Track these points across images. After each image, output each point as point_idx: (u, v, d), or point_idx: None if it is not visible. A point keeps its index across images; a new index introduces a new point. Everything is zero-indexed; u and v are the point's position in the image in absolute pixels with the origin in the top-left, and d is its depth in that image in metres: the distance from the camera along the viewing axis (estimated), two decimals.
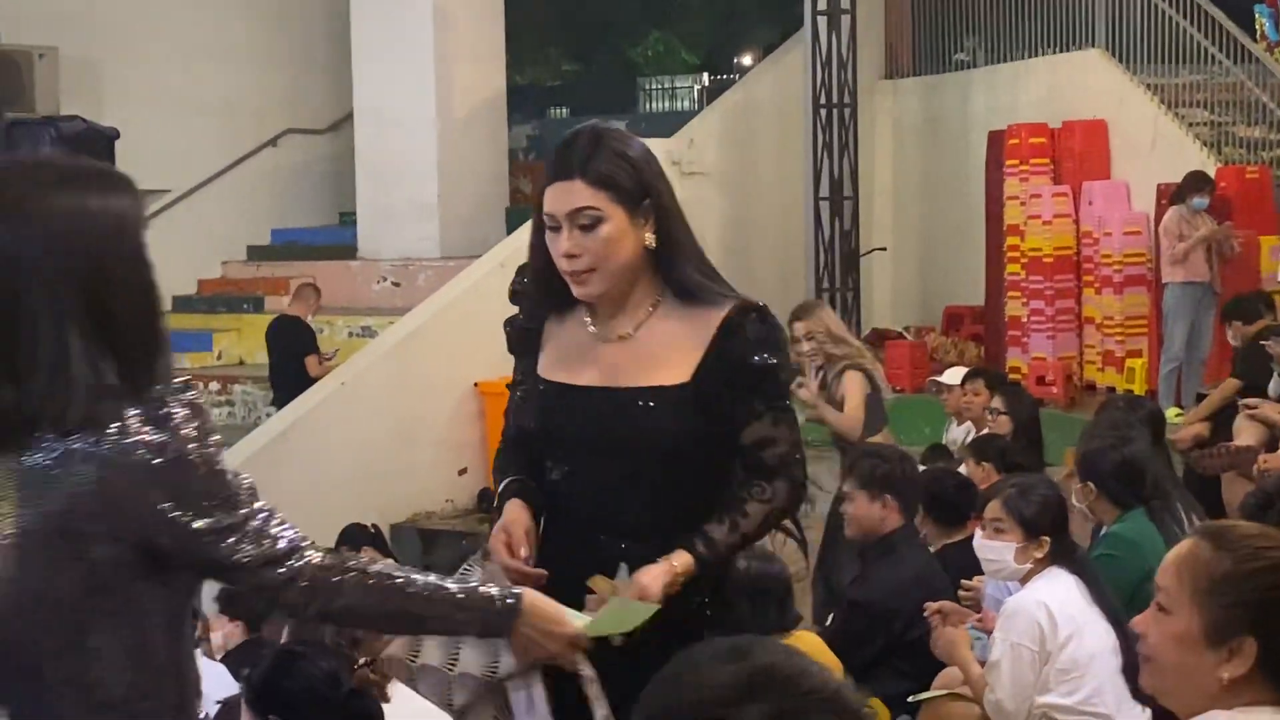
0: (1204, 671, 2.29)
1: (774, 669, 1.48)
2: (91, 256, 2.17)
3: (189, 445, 2.17)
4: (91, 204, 2.20)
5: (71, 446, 2.11)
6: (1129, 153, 11.49)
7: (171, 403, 2.18)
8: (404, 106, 13.56)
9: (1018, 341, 11.56)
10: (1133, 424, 5.78)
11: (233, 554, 2.21)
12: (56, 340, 2.12)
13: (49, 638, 2.14)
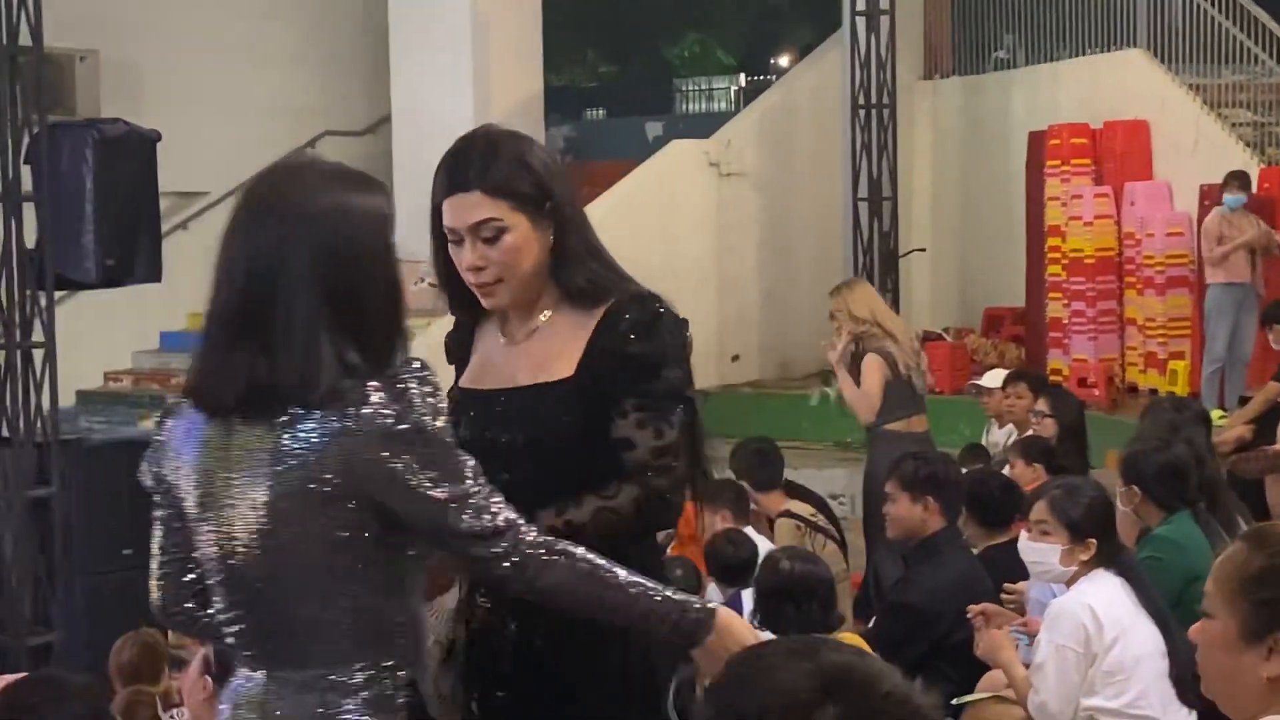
0: (1247, 672, 2.28)
1: (849, 669, 1.46)
2: (346, 251, 2.39)
3: (424, 417, 2.34)
4: (350, 202, 2.43)
5: (318, 418, 2.32)
6: (1171, 153, 11.43)
7: (408, 379, 2.36)
8: (441, 108, 13.57)
9: (1059, 343, 11.51)
10: (1181, 426, 5.74)
11: (458, 523, 2.37)
12: (308, 324, 2.34)
13: (300, 596, 2.37)
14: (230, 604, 2.43)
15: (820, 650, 1.48)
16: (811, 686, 1.44)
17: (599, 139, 17.39)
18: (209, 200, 14.39)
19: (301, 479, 2.31)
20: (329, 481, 2.31)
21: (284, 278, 2.35)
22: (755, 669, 1.49)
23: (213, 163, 13.94)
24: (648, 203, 12.55)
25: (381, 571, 2.38)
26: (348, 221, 2.40)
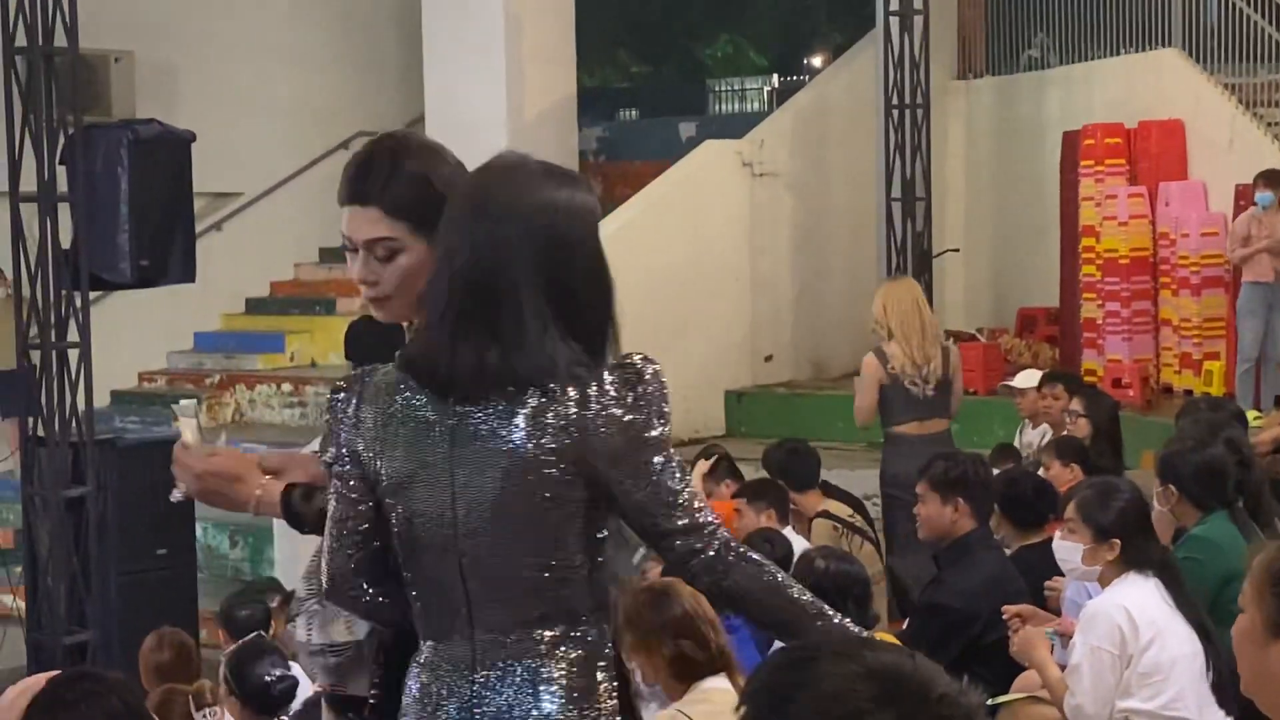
0: (1275, 665, 2.28)
1: (901, 673, 1.42)
2: (562, 245, 2.52)
3: (650, 409, 2.48)
4: (561, 198, 2.55)
5: (555, 403, 2.45)
6: (1206, 153, 11.36)
7: (644, 369, 2.51)
8: (474, 109, 13.59)
9: (1093, 344, 11.45)
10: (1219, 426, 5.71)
11: (665, 517, 2.48)
12: (538, 315, 2.47)
13: (511, 567, 2.50)
14: (436, 573, 2.53)
15: (866, 653, 1.44)
16: (867, 694, 1.40)
17: (632, 139, 17.38)
18: (243, 201, 14.47)
19: (527, 460, 2.45)
20: (554, 464, 2.44)
21: (506, 272, 2.49)
22: (801, 677, 1.44)
23: (246, 163, 14.01)
24: (680, 203, 12.54)
25: (585, 544, 2.51)
26: (561, 217, 2.52)
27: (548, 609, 2.51)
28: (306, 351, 14.01)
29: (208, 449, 2.95)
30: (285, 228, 14.60)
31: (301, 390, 13.27)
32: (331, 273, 14.68)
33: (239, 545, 11.43)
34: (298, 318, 14.28)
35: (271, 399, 13.36)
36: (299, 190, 14.74)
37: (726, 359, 12.59)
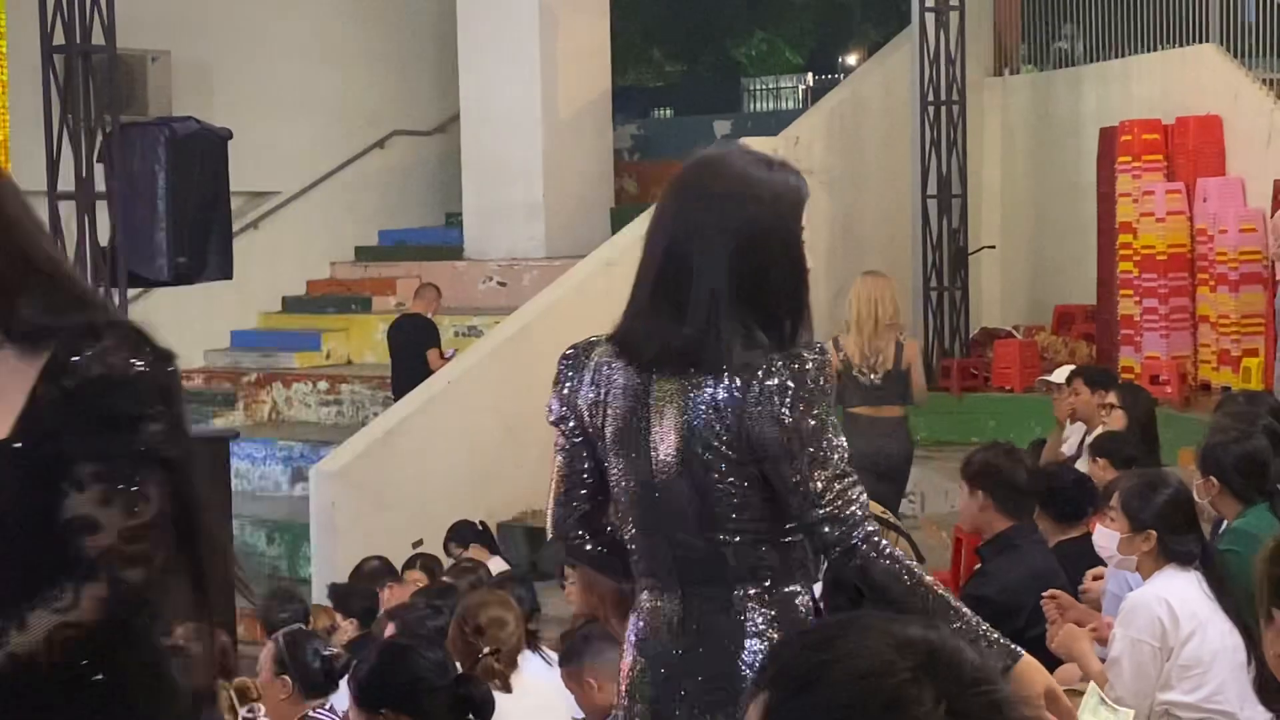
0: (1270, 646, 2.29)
1: (933, 644, 1.37)
2: (755, 234, 2.68)
3: (813, 396, 2.59)
4: (761, 189, 2.70)
5: (725, 383, 2.63)
6: (1244, 148, 11.28)
7: (807, 358, 2.62)
8: (510, 107, 13.63)
9: (1130, 340, 11.39)
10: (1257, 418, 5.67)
11: (816, 503, 2.60)
12: (718, 300, 2.64)
13: (709, 526, 2.69)
14: (644, 530, 2.74)
15: (894, 626, 1.39)
16: (904, 668, 1.33)
17: (667, 137, 17.37)
18: (280, 199, 14.53)
19: (705, 433, 2.64)
20: (724, 440, 2.62)
21: (698, 257, 2.66)
22: (829, 655, 1.37)
23: (283, 162, 14.08)
24: None
25: (768, 510, 2.68)
26: (753, 206, 2.67)
27: (742, 568, 2.68)
28: (342, 350, 14.06)
29: None
30: (322, 226, 14.65)
31: (337, 388, 13.31)
32: (368, 271, 14.74)
33: (275, 543, 11.48)
34: (334, 316, 14.33)
35: (308, 397, 13.41)
36: (335, 189, 14.80)
37: None
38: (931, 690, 1.32)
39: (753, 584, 2.68)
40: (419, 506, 10.30)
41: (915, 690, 1.32)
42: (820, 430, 2.60)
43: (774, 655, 1.45)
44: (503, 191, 13.76)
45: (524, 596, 6.06)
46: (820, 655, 1.38)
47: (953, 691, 1.33)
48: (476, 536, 8.90)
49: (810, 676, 1.37)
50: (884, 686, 1.32)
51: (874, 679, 1.33)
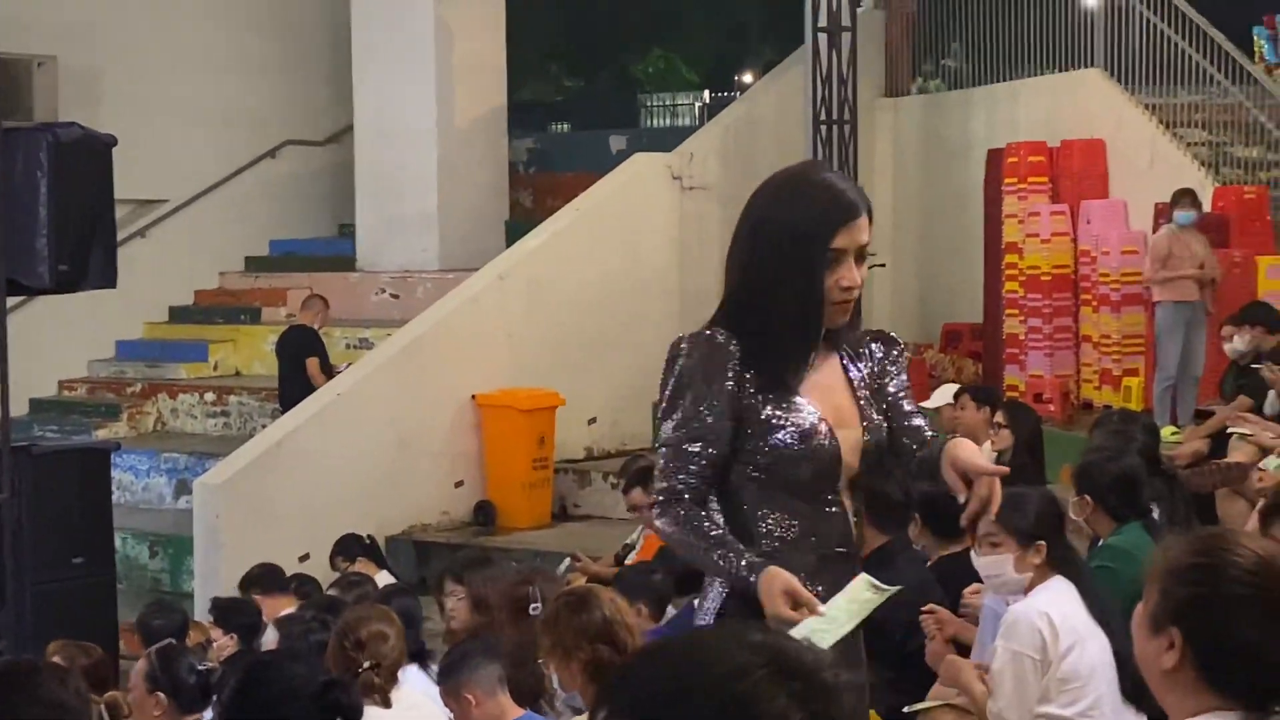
0: (1152, 658, 2.35)
1: (787, 649, 1.43)
2: (757, 248, 3.19)
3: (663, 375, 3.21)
4: (775, 209, 3.22)
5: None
6: (1127, 172, 11.50)
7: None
8: (404, 119, 13.57)
9: (1015, 359, 11.55)
10: (1131, 437, 5.77)
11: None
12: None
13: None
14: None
15: (747, 633, 1.44)
16: (762, 673, 1.40)
17: (562, 152, 17.38)
18: (169, 208, 14.34)
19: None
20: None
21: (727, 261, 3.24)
22: (692, 649, 1.43)
23: (172, 170, 13.90)
24: (610, 216, 12.55)
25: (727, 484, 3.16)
26: (763, 222, 3.17)
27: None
28: (230, 361, 13.90)
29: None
30: (211, 236, 14.48)
31: (225, 400, 13.16)
32: (257, 281, 14.58)
33: (158, 556, 11.32)
34: (222, 327, 14.17)
35: (194, 409, 13.25)
36: (225, 198, 14.63)
37: (655, 371, 12.41)
38: (783, 685, 1.39)
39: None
40: (306, 520, 10.20)
41: (772, 687, 1.39)
42: (667, 406, 3.15)
43: (626, 681, 1.45)
44: (396, 203, 13.69)
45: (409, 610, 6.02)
46: (678, 670, 1.42)
47: (798, 683, 1.40)
48: (364, 550, 8.83)
49: (673, 692, 1.40)
50: (746, 687, 1.39)
51: (736, 682, 1.39)
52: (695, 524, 3.08)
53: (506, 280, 11.87)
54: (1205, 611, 2.30)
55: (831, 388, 3.23)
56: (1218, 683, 2.30)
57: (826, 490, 3.17)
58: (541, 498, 11.34)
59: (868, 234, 3.18)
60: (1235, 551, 2.33)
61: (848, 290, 3.13)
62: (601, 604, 4.08)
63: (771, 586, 2.96)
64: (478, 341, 11.48)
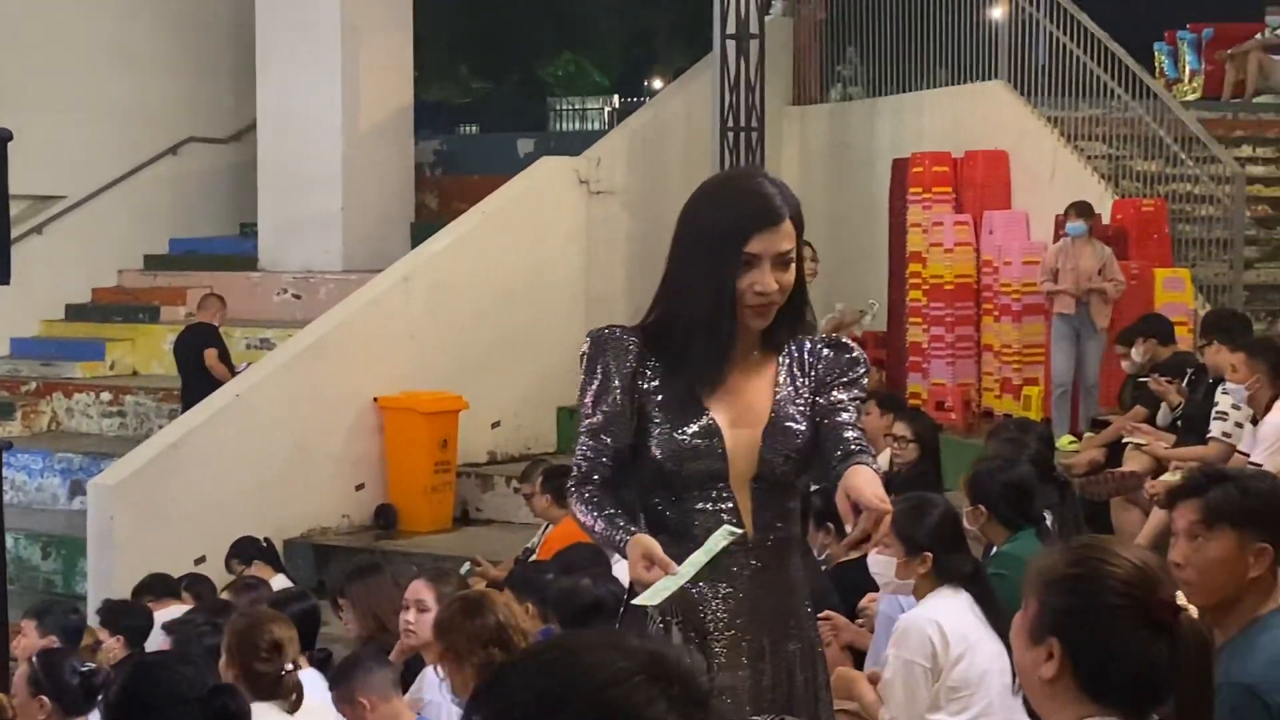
0: (1031, 668, 2.37)
1: (663, 655, 1.42)
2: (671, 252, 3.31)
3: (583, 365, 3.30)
4: (688, 212, 3.30)
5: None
6: (1029, 183, 11.63)
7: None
8: (309, 117, 13.45)
9: (918, 367, 11.64)
10: (1024, 445, 5.83)
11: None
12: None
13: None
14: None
15: (624, 641, 1.43)
16: (639, 679, 1.39)
17: (470, 154, 17.28)
18: (66, 204, 14.12)
19: None
20: None
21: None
22: (565, 654, 1.42)
23: (70, 165, 13.69)
24: (516, 219, 12.50)
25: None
26: (687, 224, 3.25)
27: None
28: (127, 360, 13.70)
29: None
30: (110, 233, 14.28)
31: (121, 400, 12.97)
32: (157, 280, 14.39)
33: (51, 557, 11.13)
34: (120, 325, 13.97)
35: (90, 408, 13.04)
36: (124, 195, 14.44)
37: (560, 375, 12.54)
38: (660, 690, 1.39)
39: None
40: (203, 522, 10.07)
41: (649, 692, 1.38)
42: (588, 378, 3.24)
43: (497, 689, 1.43)
44: (299, 203, 13.56)
45: (309, 615, 5.96)
46: (553, 677, 1.40)
47: (675, 688, 1.40)
48: (260, 553, 8.73)
49: (548, 700, 1.39)
50: (624, 693, 1.38)
51: (614, 688, 1.38)
52: (595, 503, 3.17)
53: (411, 282, 11.79)
54: (1083, 621, 2.33)
55: (746, 387, 3.27)
56: (1096, 691, 2.33)
57: (715, 487, 3.20)
58: (443, 501, 11.27)
59: (790, 242, 3.21)
60: (1111, 562, 2.36)
61: (761, 295, 3.16)
62: (495, 608, 4.05)
63: (634, 553, 3.05)
64: (380, 343, 11.39)
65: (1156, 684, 2.30)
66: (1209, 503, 3.32)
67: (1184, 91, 15.84)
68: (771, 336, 3.29)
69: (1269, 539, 3.29)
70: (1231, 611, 3.29)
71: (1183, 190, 11.27)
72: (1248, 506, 3.30)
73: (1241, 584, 3.27)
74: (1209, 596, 3.29)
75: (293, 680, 4.47)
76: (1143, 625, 2.31)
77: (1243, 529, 3.28)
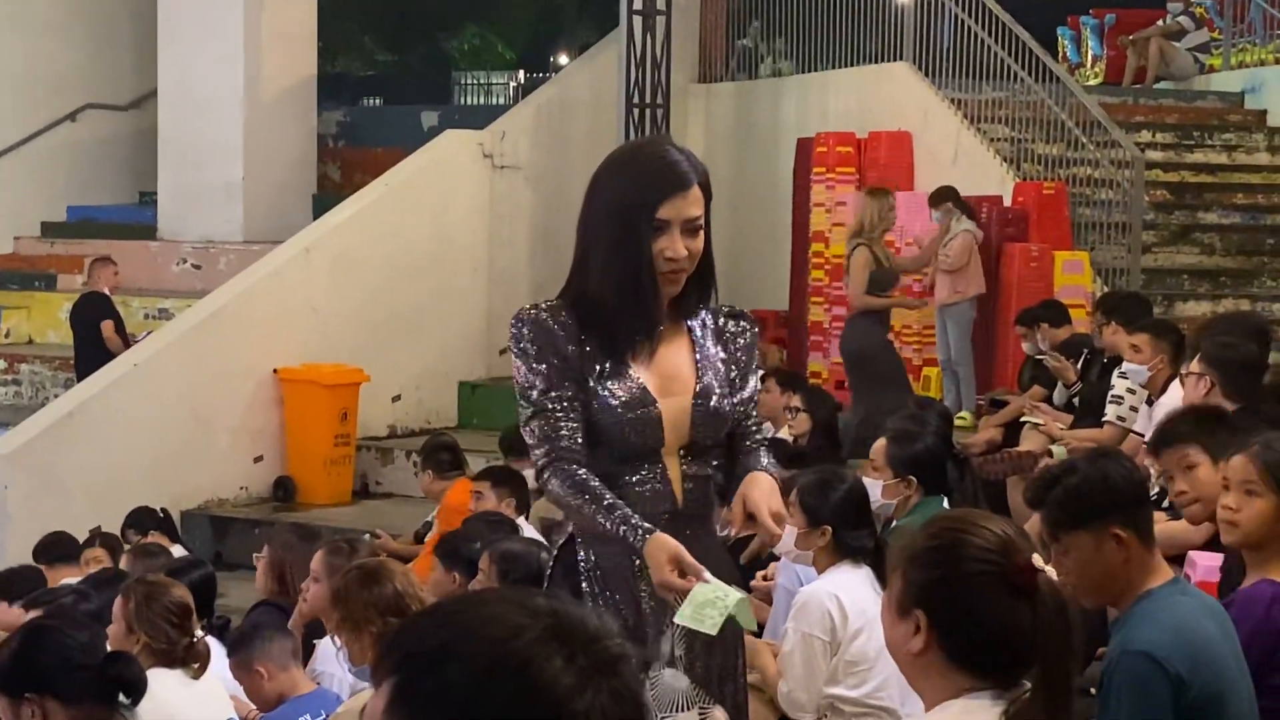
0: (900, 642, 2.40)
1: (562, 612, 1.41)
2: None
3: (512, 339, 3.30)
4: (594, 180, 3.32)
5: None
6: (932, 165, 11.71)
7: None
8: (209, 86, 13.28)
9: (819, 346, 11.70)
10: (926, 422, 5.89)
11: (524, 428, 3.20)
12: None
13: None
14: None
15: (526, 597, 1.42)
16: (534, 633, 1.37)
17: (373, 126, 17.13)
18: None
19: None
20: None
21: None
22: (465, 608, 1.41)
23: None
24: (421, 192, 12.42)
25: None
26: (597, 193, 3.26)
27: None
28: (23, 329, 13.49)
29: None
30: (6, 200, 14.05)
31: (16, 368, 12.75)
32: (54, 248, 14.16)
33: None
34: (15, 293, 13.73)
35: None
36: (21, 162, 14.20)
37: (462, 350, 12.52)
38: (560, 649, 1.37)
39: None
40: (99, 493, 9.93)
41: (546, 650, 1.36)
42: (517, 381, 3.19)
43: (398, 639, 1.42)
44: (200, 172, 13.39)
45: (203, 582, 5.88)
46: (451, 629, 1.39)
47: (578, 649, 1.38)
48: (157, 524, 8.62)
49: (444, 651, 1.38)
50: (517, 649, 1.36)
51: (507, 644, 1.36)
52: (589, 487, 3.12)
53: (312, 254, 11.68)
54: (945, 591, 2.36)
55: (669, 355, 3.27)
56: (966, 662, 2.36)
57: (650, 456, 3.20)
58: (343, 474, 11.20)
59: (699, 208, 3.22)
60: (970, 531, 2.39)
61: (671, 261, 3.16)
62: (393, 577, 4.03)
63: (659, 555, 3.00)
64: (281, 315, 11.28)
65: (1021, 649, 2.33)
66: (1048, 517, 3.38)
67: (1086, 76, 16.05)
68: (679, 305, 3.28)
69: (1116, 523, 3.30)
70: (1125, 595, 3.34)
71: (1083, 174, 11.39)
72: (1072, 507, 3.34)
73: (1120, 572, 3.32)
74: (1097, 595, 3.35)
75: (203, 646, 4.42)
76: (1003, 591, 2.33)
77: (1087, 526, 3.31)
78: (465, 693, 1.35)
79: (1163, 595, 3.32)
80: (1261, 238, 11.84)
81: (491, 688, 1.35)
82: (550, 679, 1.35)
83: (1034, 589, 2.33)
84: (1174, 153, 12.41)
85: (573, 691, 1.35)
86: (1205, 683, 3.17)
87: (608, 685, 1.37)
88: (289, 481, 11.09)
